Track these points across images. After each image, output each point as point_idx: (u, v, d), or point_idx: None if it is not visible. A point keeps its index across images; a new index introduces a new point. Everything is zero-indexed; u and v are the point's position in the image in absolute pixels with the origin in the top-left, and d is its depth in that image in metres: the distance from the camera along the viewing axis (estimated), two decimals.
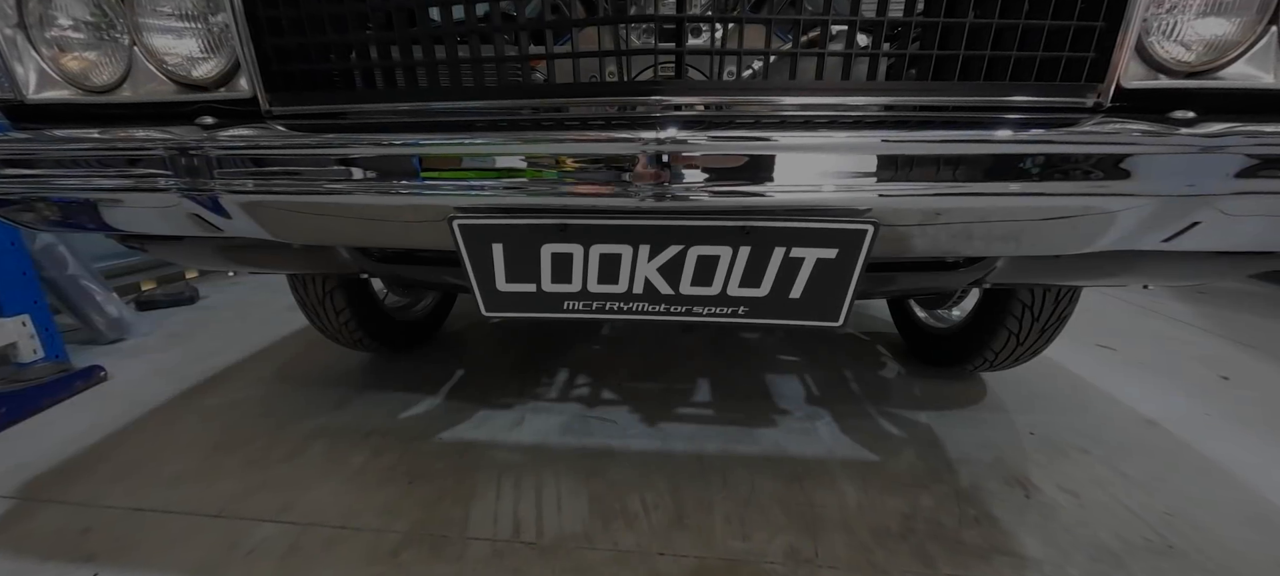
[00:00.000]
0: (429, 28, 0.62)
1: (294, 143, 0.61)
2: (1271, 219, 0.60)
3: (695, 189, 0.50)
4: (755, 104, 0.56)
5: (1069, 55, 0.60)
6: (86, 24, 0.78)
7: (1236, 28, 0.66)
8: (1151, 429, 1.38)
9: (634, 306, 0.63)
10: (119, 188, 0.70)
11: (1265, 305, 2.45)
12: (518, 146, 0.53)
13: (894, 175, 0.52)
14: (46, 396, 1.47)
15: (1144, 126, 0.59)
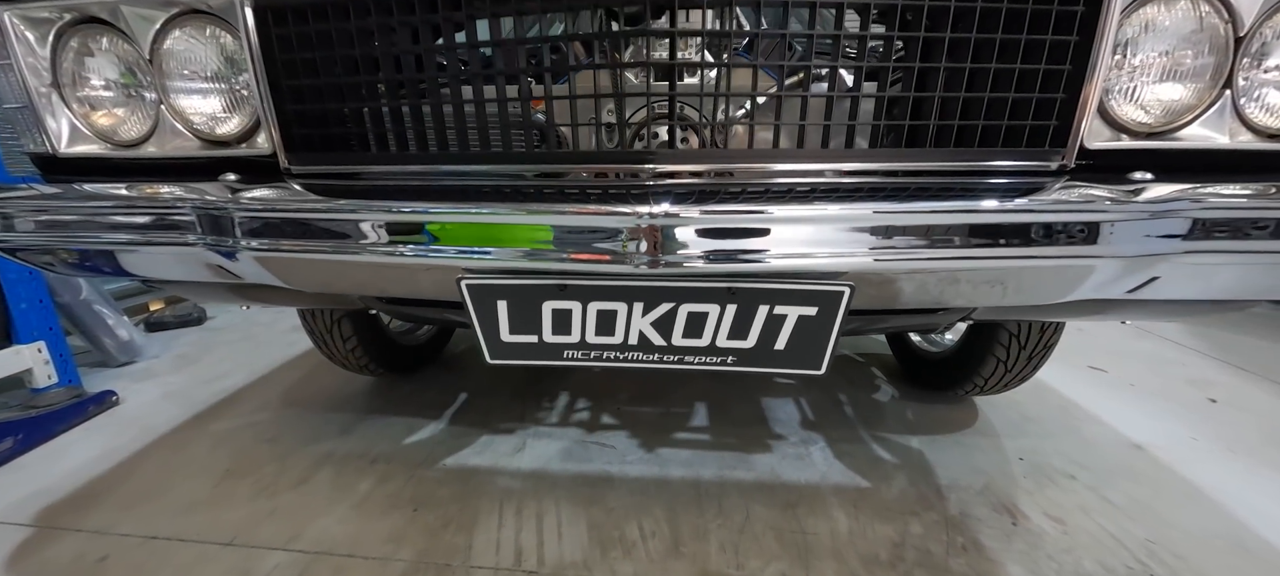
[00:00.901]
0: (436, 81, 0.67)
1: (313, 207, 0.65)
2: (1220, 275, 0.64)
3: (687, 259, 0.55)
4: (744, 171, 0.61)
5: (1033, 124, 0.64)
6: (117, 83, 0.83)
7: (1192, 92, 0.71)
8: (1138, 454, 1.41)
9: (629, 356, 0.67)
10: (148, 242, 0.74)
11: (1259, 325, 2.49)
12: (520, 218, 0.58)
13: (869, 245, 0.56)
14: (61, 422, 1.51)
15: (1103, 192, 0.64)
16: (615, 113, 0.71)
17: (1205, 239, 0.60)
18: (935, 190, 0.63)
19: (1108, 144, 0.71)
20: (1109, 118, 0.71)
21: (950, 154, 0.65)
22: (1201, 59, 0.69)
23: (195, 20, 0.77)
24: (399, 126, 0.70)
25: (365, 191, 0.71)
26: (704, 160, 0.61)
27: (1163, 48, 0.69)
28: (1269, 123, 0.71)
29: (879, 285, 0.63)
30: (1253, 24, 0.67)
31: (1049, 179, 0.67)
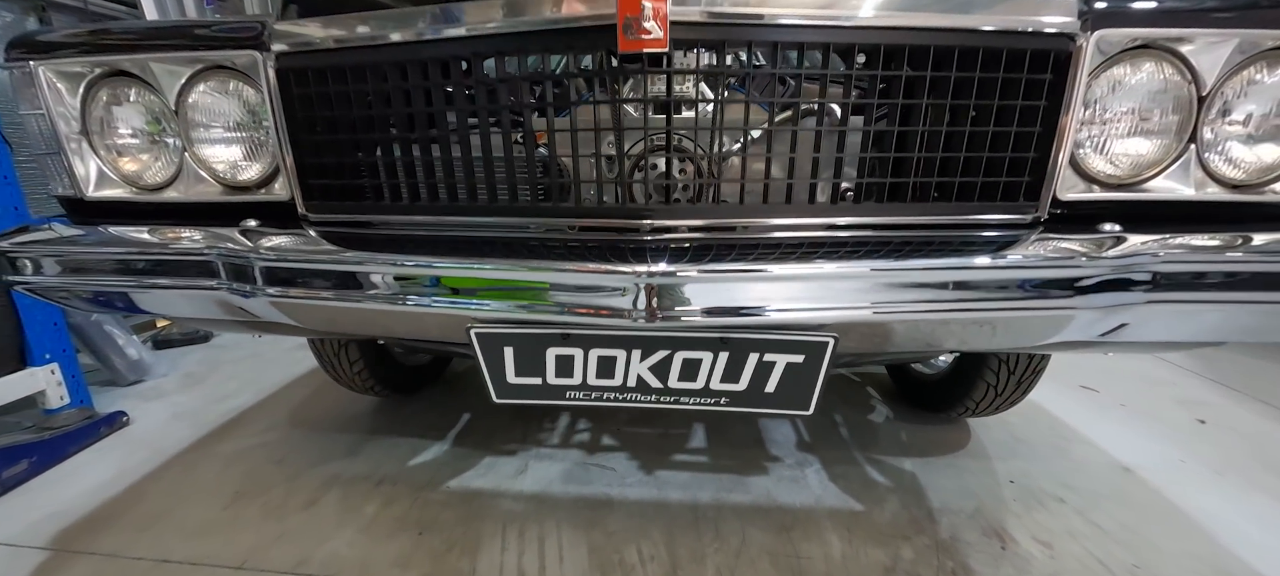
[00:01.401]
0: (447, 139, 0.71)
1: (331, 258, 0.70)
2: (1185, 320, 0.68)
3: (683, 314, 0.59)
4: (737, 226, 0.65)
5: (1007, 180, 0.69)
6: (143, 132, 0.88)
7: (1158, 147, 0.75)
8: (1127, 476, 1.44)
9: (628, 397, 0.71)
10: (174, 286, 0.78)
11: (1249, 344, 2.52)
12: (527, 275, 0.62)
13: (858, 302, 0.60)
14: (73, 444, 1.55)
15: (1074, 244, 0.68)
16: (615, 145, 0.75)
17: (1166, 290, 0.64)
18: (917, 244, 0.67)
19: (1080, 195, 0.75)
20: (1081, 170, 0.75)
21: (931, 208, 0.69)
22: (1167, 116, 0.73)
23: (219, 74, 0.82)
24: (411, 179, 0.74)
25: (378, 240, 0.75)
26: (699, 215, 0.65)
27: (1130, 105, 0.74)
28: (1233, 175, 0.76)
29: (863, 334, 0.67)
30: (1214, 84, 0.72)
31: (1024, 231, 0.71)
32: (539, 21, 0.61)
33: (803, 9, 0.60)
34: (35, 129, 0.88)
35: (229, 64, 0.80)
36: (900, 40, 0.62)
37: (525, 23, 0.61)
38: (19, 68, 0.84)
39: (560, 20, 0.60)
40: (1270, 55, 0.71)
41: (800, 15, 0.59)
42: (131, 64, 0.82)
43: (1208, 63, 0.71)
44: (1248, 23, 0.69)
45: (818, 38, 0.61)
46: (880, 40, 0.62)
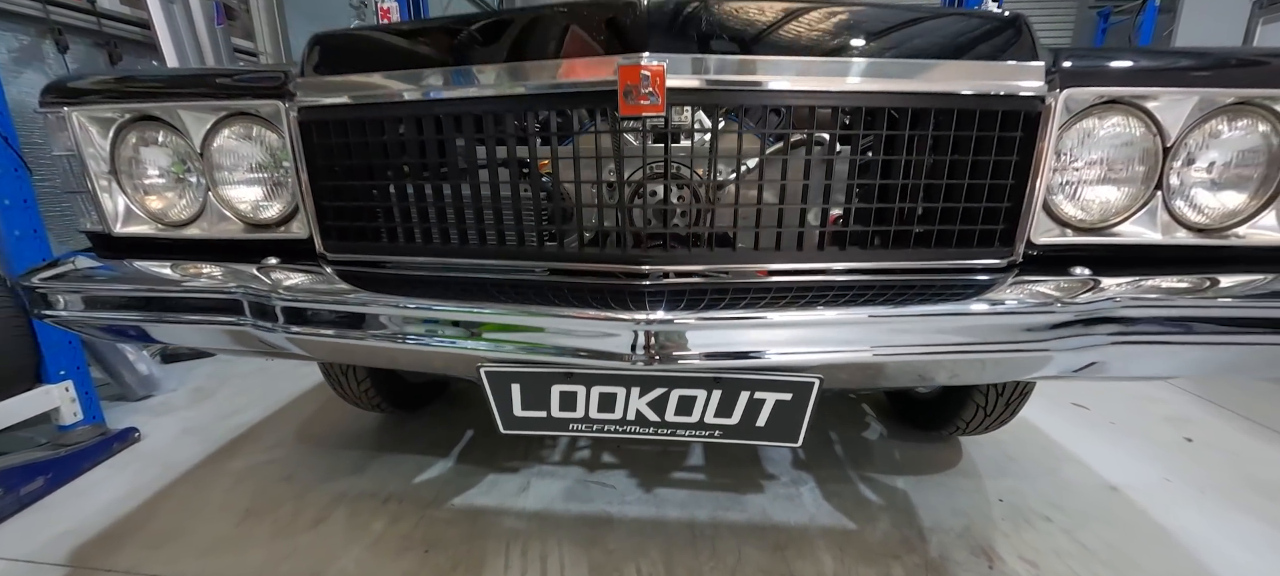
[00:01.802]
0: (459, 188, 0.76)
1: (349, 301, 0.74)
2: (1151, 359, 0.73)
3: (680, 358, 0.63)
4: (732, 271, 0.70)
5: (983, 228, 0.74)
6: (169, 172, 0.93)
7: (1126, 193, 0.80)
8: (1113, 495, 1.48)
9: (628, 430, 0.75)
10: (200, 322, 0.83)
11: None
12: (532, 321, 0.67)
13: (836, 348, 0.65)
14: (87, 460, 1.59)
15: (1045, 289, 0.73)
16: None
17: (1129, 334, 0.68)
18: (900, 288, 0.71)
19: (1054, 239, 0.79)
20: (1054, 215, 0.80)
21: (915, 254, 0.74)
22: (1133, 165, 0.78)
23: (243, 120, 0.87)
24: (424, 223, 0.79)
25: (392, 280, 0.80)
26: (695, 260, 0.70)
27: (1099, 155, 0.78)
28: (1198, 220, 0.80)
29: (846, 374, 0.71)
30: (1178, 136, 0.77)
31: (1001, 274, 0.76)
32: (545, 86, 0.65)
33: (794, 77, 0.65)
34: (66, 168, 0.93)
35: (253, 111, 0.85)
36: (882, 104, 0.67)
37: (532, 86, 0.66)
38: (53, 112, 0.89)
39: (564, 85, 0.65)
40: (1231, 109, 0.76)
41: (792, 82, 0.64)
42: (160, 110, 0.87)
43: (1171, 117, 0.76)
44: (1207, 82, 0.74)
45: (808, 102, 0.66)
46: (865, 104, 0.67)
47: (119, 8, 2.50)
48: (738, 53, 0.65)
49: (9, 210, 1.56)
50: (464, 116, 0.72)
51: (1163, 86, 0.73)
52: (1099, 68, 0.73)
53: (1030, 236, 0.79)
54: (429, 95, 0.71)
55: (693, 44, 0.64)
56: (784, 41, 0.66)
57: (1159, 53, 0.81)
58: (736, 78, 0.64)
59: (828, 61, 0.65)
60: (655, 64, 0.61)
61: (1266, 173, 0.77)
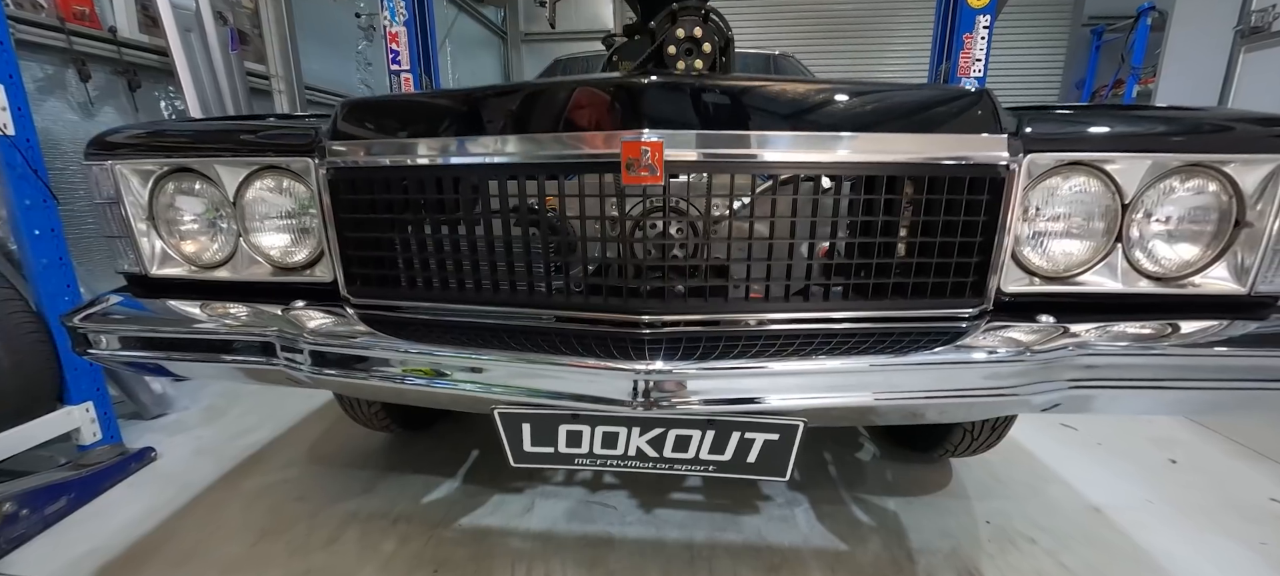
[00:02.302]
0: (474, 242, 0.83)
1: (377, 347, 0.81)
2: (1111, 401, 0.79)
3: (677, 403, 0.70)
4: (726, 321, 0.76)
5: (955, 280, 0.80)
6: (203, 219, 1.00)
7: (1089, 246, 0.86)
8: (1097, 517, 1.53)
9: (629, 464, 0.81)
10: (235, 362, 0.89)
11: None
12: (543, 371, 0.73)
13: (817, 395, 0.71)
14: (107, 480, 1.64)
15: (1016, 335, 0.79)
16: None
17: (1084, 382, 0.75)
18: (879, 335, 0.78)
19: (1022, 288, 0.86)
20: (1022, 266, 0.87)
21: (895, 304, 0.80)
22: (1095, 221, 0.85)
23: (274, 173, 0.94)
24: (441, 272, 0.86)
25: (410, 323, 0.86)
26: (690, 310, 0.77)
27: (1063, 211, 0.85)
28: (1156, 270, 0.87)
29: (827, 416, 0.77)
30: (1135, 194, 0.84)
31: (972, 322, 0.83)
32: (552, 156, 0.73)
33: (782, 150, 0.72)
34: (107, 214, 1.00)
35: (284, 166, 0.92)
36: (863, 172, 0.75)
37: (542, 155, 0.73)
38: (98, 164, 0.96)
39: (570, 156, 0.72)
40: (1183, 170, 0.83)
41: (779, 154, 0.71)
42: (198, 163, 0.95)
43: (1128, 177, 0.83)
44: (1160, 148, 0.81)
45: (794, 171, 0.73)
46: (847, 172, 0.74)
47: (138, 36, 2.58)
48: (731, 127, 0.72)
49: (38, 240, 1.63)
50: (477, 177, 0.79)
51: (1119, 151, 0.80)
52: (1059, 134, 0.80)
53: (1001, 286, 0.85)
54: (447, 160, 0.78)
55: (690, 120, 0.71)
56: (772, 116, 0.73)
57: (1118, 114, 0.87)
58: (729, 151, 0.71)
59: (812, 136, 0.72)
60: (654, 139, 0.68)
61: (1218, 227, 0.84)
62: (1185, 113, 0.86)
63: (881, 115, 0.75)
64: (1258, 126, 0.81)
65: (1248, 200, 0.82)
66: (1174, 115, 0.85)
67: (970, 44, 3.15)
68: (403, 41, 3.45)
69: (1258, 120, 0.82)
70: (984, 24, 3.11)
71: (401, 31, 3.43)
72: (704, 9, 1.21)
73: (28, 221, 1.61)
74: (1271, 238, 0.82)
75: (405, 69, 3.51)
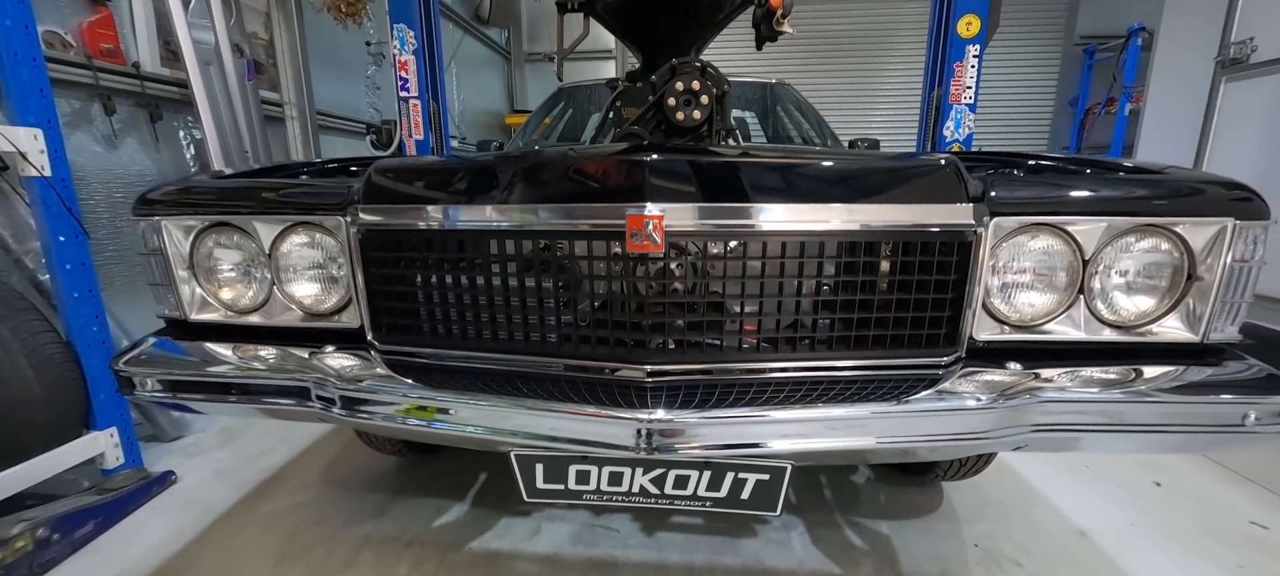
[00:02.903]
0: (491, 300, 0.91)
1: (403, 394, 0.88)
2: (1065, 442, 0.86)
3: (677, 448, 0.77)
4: (720, 371, 0.84)
5: (929, 332, 0.88)
6: (239, 268, 1.08)
7: (1053, 298, 0.94)
8: (1081, 540, 1.60)
9: (633, 500, 0.89)
10: (273, 405, 0.97)
11: None
12: (555, 419, 0.81)
13: (806, 441, 0.79)
14: (131, 504, 1.71)
15: (985, 383, 0.86)
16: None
17: (1046, 426, 0.82)
18: (862, 383, 0.86)
19: (993, 337, 0.94)
20: (993, 316, 0.95)
21: (877, 354, 0.88)
22: (1058, 275, 0.93)
23: (307, 228, 1.02)
24: (461, 323, 0.94)
25: (431, 368, 0.94)
26: (690, 360, 0.85)
27: (1028, 266, 0.93)
28: (1115, 319, 0.95)
29: (814, 458, 0.85)
30: (1094, 250, 0.92)
31: (947, 369, 0.90)
32: (564, 224, 0.81)
33: (771, 220, 0.80)
34: (151, 264, 1.09)
35: (317, 222, 1.01)
36: (845, 238, 0.83)
37: (554, 223, 0.82)
38: (145, 219, 1.05)
39: (580, 224, 0.80)
40: (1138, 230, 0.91)
41: (770, 223, 0.80)
42: (237, 218, 1.03)
43: (1087, 237, 0.91)
44: (1115, 210, 0.89)
45: (784, 237, 0.82)
46: (832, 238, 0.83)
47: (159, 70, 2.69)
48: (725, 200, 0.80)
49: (69, 273, 1.72)
50: (496, 240, 0.87)
51: (1078, 215, 0.88)
52: (1023, 198, 0.88)
53: (973, 335, 0.93)
54: (467, 223, 0.87)
55: (688, 194, 0.80)
56: (763, 189, 0.81)
57: (1078, 179, 0.95)
58: (723, 222, 0.80)
59: (799, 207, 0.81)
60: (656, 212, 0.76)
61: (1171, 281, 0.92)
62: (1140, 177, 0.95)
63: (862, 186, 0.84)
64: (1204, 191, 0.89)
65: (1198, 256, 0.90)
66: (1129, 180, 0.93)
67: (961, 72, 3.25)
68: (411, 69, 3.57)
69: (1204, 185, 0.90)
70: (974, 53, 3.21)
71: (410, 59, 3.55)
72: (701, 64, 1.30)
73: (61, 256, 1.70)
74: (1220, 290, 0.89)
75: (414, 95, 3.62)
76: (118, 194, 2.46)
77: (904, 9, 6.40)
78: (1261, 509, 1.77)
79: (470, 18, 6.16)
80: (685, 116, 1.23)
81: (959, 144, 3.34)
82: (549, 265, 0.87)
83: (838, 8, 6.55)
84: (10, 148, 1.55)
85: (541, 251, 0.86)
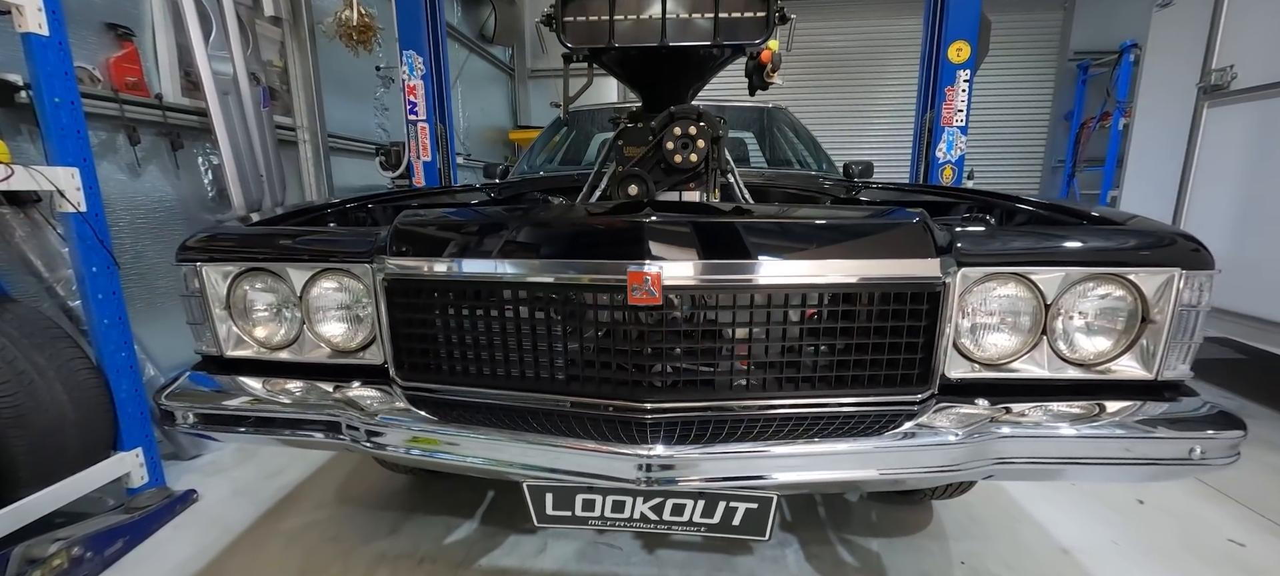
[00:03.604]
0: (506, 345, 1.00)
1: (424, 428, 0.97)
2: (1027, 473, 0.95)
3: (675, 479, 0.86)
4: (716, 408, 0.93)
5: (904, 372, 0.97)
6: (272, 308, 1.17)
7: (1018, 339, 1.03)
8: (1064, 558, 1.67)
9: (634, 525, 0.97)
10: (308, 438, 1.06)
11: None
12: (563, 456, 0.89)
13: (791, 474, 0.88)
14: (156, 522, 1.80)
15: (955, 416, 0.95)
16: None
17: (1009, 459, 0.91)
18: (845, 418, 0.94)
19: (964, 375, 1.02)
20: (964, 356, 1.03)
21: (858, 391, 0.97)
22: (1022, 318, 1.02)
23: (337, 274, 1.12)
24: (478, 363, 1.03)
25: (450, 404, 1.03)
26: (687, 399, 0.94)
27: (995, 309, 1.02)
28: (1076, 358, 1.03)
29: (799, 488, 0.93)
30: (1055, 296, 1.00)
31: (920, 405, 0.99)
32: (570, 279, 0.90)
33: (760, 275, 0.89)
34: (190, 305, 1.18)
35: (345, 268, 1.10)
36: (829, 289, 0.92)
37: (562, 277, 0.91)
38: (187, 265, 1.15)
39: (584, 280, 0.90)
40: (1094, 278, 0.99)
41: (759, 277, 0.89)
42: (272, 265, 1.13)
43: (1048, 285, 0.99)
44: (1073, 261, 0.98)
45: (770, 289, 0.91)
46: (814, 290, 0.92)
47: (180, 100, 2.81)
48: (718, 257, 0.89)
49: (101, 303, 1.82)
50: (509, 289, 0.96)
51: (1036, 266, 0.97)
52: (987, 251, 0.97)
53: (945, 373, 1.01)
54: (483, 274, 0.96)
55: (686, 252, 0.89)
56: (751, 247, 0.91)
57: (1039, 232, 1.04)
58: (716, 277, 0.89)
59: (785, 263, 0.90)
60: (654, 270, 0.86)
61: (1126, 324, 1.00)
62: (1099, 227, 1.04)
63: (841, 242, 0.93)
64: (1156, 243, 0.98)
65: (1150, 301, 0.98)
66: (1088, 231, 1.02)
67: (952, 96, 3.35)
68: (420, 94, 3.69)
69: (1155, 237, 0.99)
70: (964, 78, 3.32)
71: (419, 84, 3.67)
72: (697, 110, 1.40)
73: (94, 286, 1.80)
74: (1170, 332, 0.98)
75: (422, 119, 3.74)
76: (140, 220, 2.57)
77: (900, 25, 6.53)
78: (1240, 526, 1.84)
79: (475, 37, 6.31)
80: (682, 159, 1.33)
81: (951, 166, 3.45)
82: (557, 312, 0.96)
83: (835, 25, 6.68)
84: (50, 187, 1.66)
85: (550, 300, 0.96)
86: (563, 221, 0.95)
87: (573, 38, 1.25)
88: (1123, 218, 1.12)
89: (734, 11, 1.21)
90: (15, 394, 1.55)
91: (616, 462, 0.87)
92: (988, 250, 0.97)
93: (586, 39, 1.24)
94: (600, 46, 1.22)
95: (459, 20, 5.97)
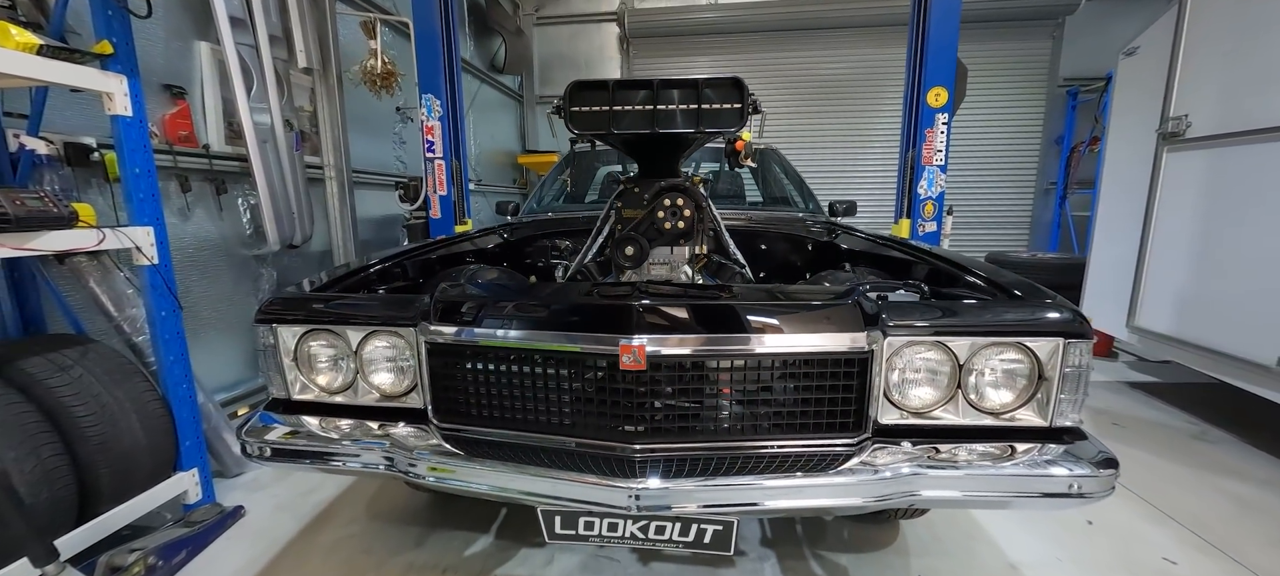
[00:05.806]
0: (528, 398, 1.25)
1: (462, 466, 1.22)
2: (941, 502, 1.18)
3: (663, 506, 1.10)
4: (702, 448, 1.18)
5: (842, 419, 1.21)
6: (331, 360, 1.43)
7: (938, 392, 1.26)
8: (1011, 573, 1.88)
9: (627, 542, 1.21)
10: (359, 469, 1.31)
11: (1169, 445, 2.93)
12: (570, 487, 1.14)
13: (748, 502, 1.12)
14: (213, 535, 2.05)
15: (883, 457, 1.18)
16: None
17: (928, 493, 1.14)
18: (795, 457, 1.18)
19: (894, 421, 1.26)
20: (893, 404, 1.27)
21: (806, 436, 1.21)
22: (940, 375, 1.25)
23: (386, 334, 1.37)
24: (501, 410, 1.28)
25: (477, 442, 1.28)
26: (669, 441, 1.19)
27: (918, 367, 1.25)
28: (986, 407, 1.26)
29: (754, 513, 1.17)
30: (966, 358, 1.24)
31: (856, 447, 1.22)
32: (573, 350, 1.16)
33: (723, 346, 1.14)
34: (264, 357, 1.44)
35: (394, 332, 1.36)
36: (783, 355, 1.17)
37: (565, 347, 1.17)
38: (265, 326, 1.41)
39: (587, 349, 1.15)
40: (997, 344, 1.23)
41: (722, 348, 1.14)
42: (331, 325, 1.39)
43: (960, 349, 1.23)
44: (979, 332, 1.21)
45: (734, 355, 1.16)
46: (769, 356, 1.16)
47: (223, 148, 3.10)
48: (692, 332, 1.14)
49: (167, 342, 2.09)
50: (526, 352, 1.22)
51: (949, 335, 1.21)
52: (907, 324, 1.21)
53: (878, 420, 1.25)
54: (504, 340, 1.22)
55: (666, 328, 1.14)
56: (719, 325, 1.16)
57: (953, 305, 1.28)
58: (690, 350, 1.14)
59: (745, 336, 1.15)
60: (640, 342, 1.10)
61: (1027, 382, 1.24)
62: (1000, 304, 1.28)
63: (790, 319, 1.17)
64: (1044, 316, 1.21)
65: (1044, 363, 1.22)
66: (991, 307, 1.26)
67: (932, 137, 3.59)
68: (437, 133, 3.98)
69: (1044, 312, 1.22)
70: (942, 121, 3.56)
71: (436, 125, 3.96)
72: (684, 185, 1.66)
73: (162, 328, 2.07)
74: (1059, 387, 1.21)
75: (439, 156, 4.02)
76: (187, 259, 2.86)
77: (892, 54, 6.79)
78: (1176, 545, 2.04)
79: (486, 67, 6.64)
80: (671, 226, 1.59)
81: (932, 202, 3.68)
82: (565, 372, 1.22)
83: (830, 54, 6.96)
84: (131, 244, 1.94)
85: (559, 362, 1.21)
86: (569, 303, 1.21)
87: (578, 126, 1.52)
88: (1038, 294, 1.34)
89: (714, 104, 1.48)
90: (100, 425, 1.82)
91: (612, 492, 1.11)
92: (909, 320, 1.21)
93: (590, 127, 1.51)
94: (601, 133, 1.49)
95: (471, 54, 6.30)
